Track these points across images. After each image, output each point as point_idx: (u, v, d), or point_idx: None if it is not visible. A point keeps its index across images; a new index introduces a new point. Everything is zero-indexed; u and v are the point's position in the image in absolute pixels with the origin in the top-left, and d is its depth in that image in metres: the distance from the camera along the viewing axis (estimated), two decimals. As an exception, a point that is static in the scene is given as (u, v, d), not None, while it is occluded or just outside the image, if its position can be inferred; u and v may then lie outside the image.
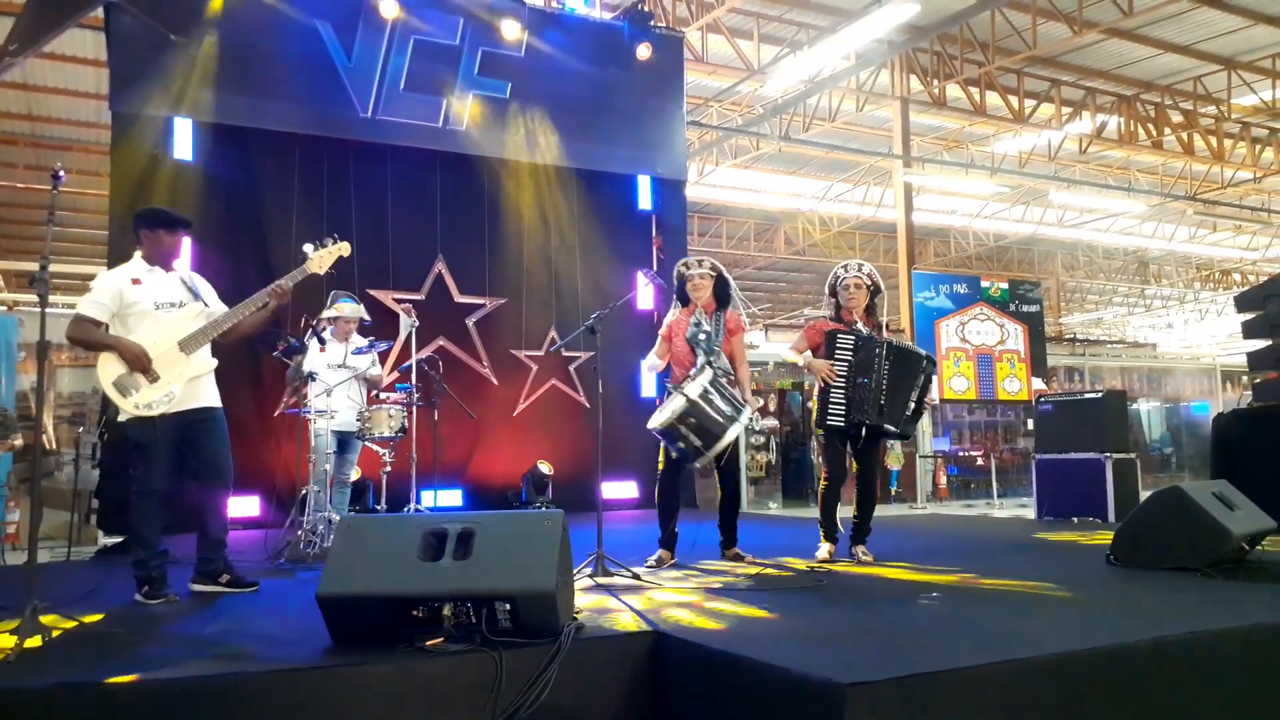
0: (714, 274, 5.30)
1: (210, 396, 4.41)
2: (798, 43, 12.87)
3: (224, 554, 4.43)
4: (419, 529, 3.22)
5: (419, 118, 8.78)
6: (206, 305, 4.42)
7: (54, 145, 14.23)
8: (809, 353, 5.42)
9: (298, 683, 2.78)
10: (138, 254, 4.38)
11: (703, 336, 5.17)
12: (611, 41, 9.72)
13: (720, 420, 4.74)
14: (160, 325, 4.24)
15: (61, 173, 3.63)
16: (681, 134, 10.44)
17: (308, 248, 4.60)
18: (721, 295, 5.32)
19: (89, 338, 4.18)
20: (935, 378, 5.64)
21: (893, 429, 5.26)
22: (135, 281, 4.26)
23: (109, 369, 4.14)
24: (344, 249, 4.64)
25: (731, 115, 15.60)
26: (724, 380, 4.96)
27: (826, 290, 5.52)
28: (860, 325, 5.35)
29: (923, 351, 5.48)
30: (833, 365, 5.21)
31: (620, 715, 3.07)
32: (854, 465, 5.42)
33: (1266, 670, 3.20)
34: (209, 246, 7.41)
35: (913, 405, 5.30)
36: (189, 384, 4.27)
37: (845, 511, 5.48)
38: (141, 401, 4.14)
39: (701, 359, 5.09)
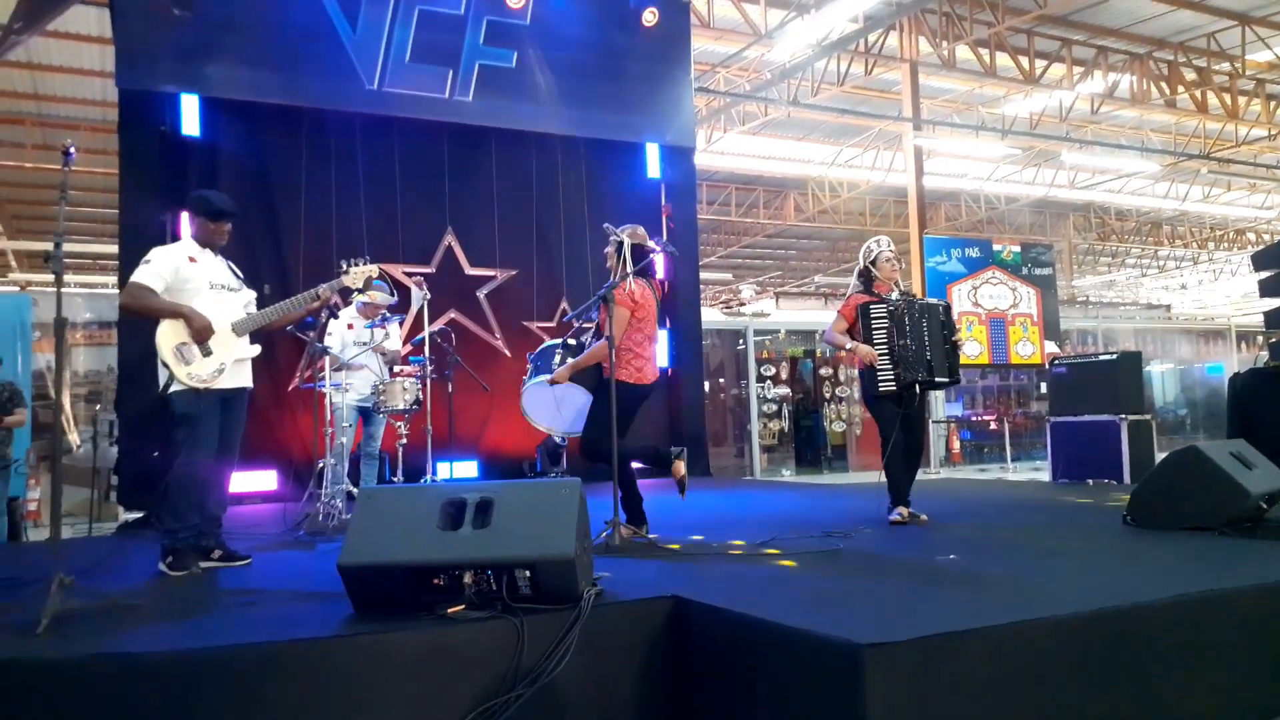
0: (616, 240, 4.89)
1: (248, 378, 4.55)
2: (804, 5, 12.71)
3: (219, 530, 4.49)
4: (438, 499, 3.24)
5: (425, 89, 8.72)
6: (257, 293, 4.63)
7: (61, 124, 14.24)
8: (845, 335, 5.51)
9: (322, 652, 2.82)
10: (187, 234, 4.57)
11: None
12: (617, 7, 9.61)
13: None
14: (215, 305, 4.37)
15: (72, 150, 3.62)
16: (689, 100, 10.35)
17: (344, 263, 4.88)
18: (634, 263, 4.85)
19: (150, 304, 4.26)
20: (954, 314, 5.78)
21: (944, 380, 5.48)
22: (192, 260, 4.39)
23: (172, 335, 4.25)
24: (373, 270, 4.91)
25: (739, 81, 15.46)
26: (558, 353, 4.99)
27: (863, 265, 5.60)
28: (894, 294, 5.52)
29: (937, 300, 5.77)
30: (874, 341, 5.36)
31: (641, 678, 3.11)
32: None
33: (1285, 626, 3.20)
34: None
35: (949, 349, 5.49)
36: (235, 364, 4.41)
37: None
38: (195, 372, 4.26)
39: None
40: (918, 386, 5.38)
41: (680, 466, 4.83)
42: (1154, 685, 2.89)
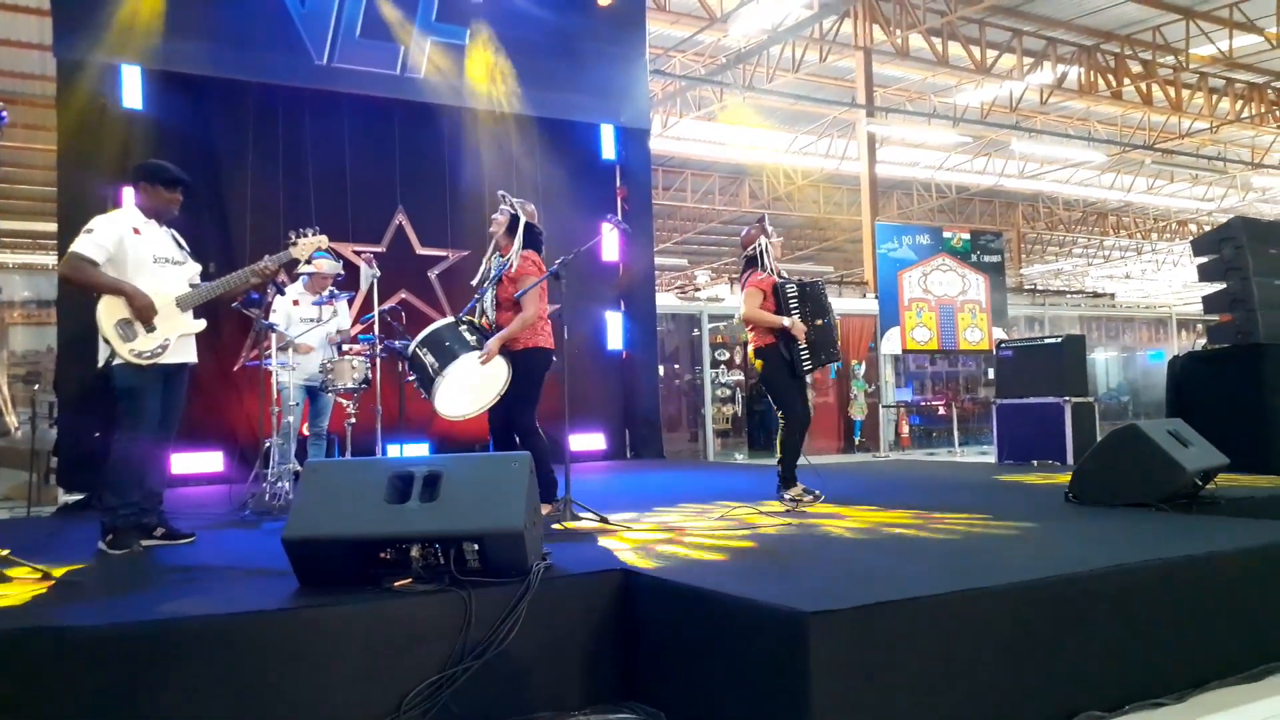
0: (510, 212, 4.98)
1: (192, 354, 4.45)
2: (760, -10, 12.75)
3: (160, 508, 4.42)
4: (385, 472, 3.21)
5: (376, 65, 8.60)
6: (202, 268, 4.50)
7: (-3, 98, 13.81)
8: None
9: (265, 625, 2.78)
10: (131, 203, 4.40)
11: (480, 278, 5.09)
12: (572, -14, 9.56)
13: (429, 373, 4.72)
14: (158, 279, 4.25)
15: (4, 114, 3.52)
16: (644, 82, 10.33)
17: (292, 234, 4.80)
18: (525, 237, 4.94)
19: (91, 278, 4.12)
20: None
21: (840, 356, 5.56)
22: (136, 231, 4.25)
23: (113, 311, 4.12)
24: (323, 240, 4.83)
25: (695, 66, 15.46)
26: (462, 329, 4.81)
27: (763, 246, 5.50)
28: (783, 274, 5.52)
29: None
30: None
31: (589, 651, 3.11)
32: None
33: (1217, 596, 3.30)
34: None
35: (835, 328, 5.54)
36: (179, 339, 4.30)
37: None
38: (138, 348, 4.15)
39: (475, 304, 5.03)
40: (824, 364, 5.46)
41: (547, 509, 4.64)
42: (1090, 653, 2.96)
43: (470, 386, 4.75)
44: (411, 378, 4.87)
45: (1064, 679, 2.90)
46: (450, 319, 4.92)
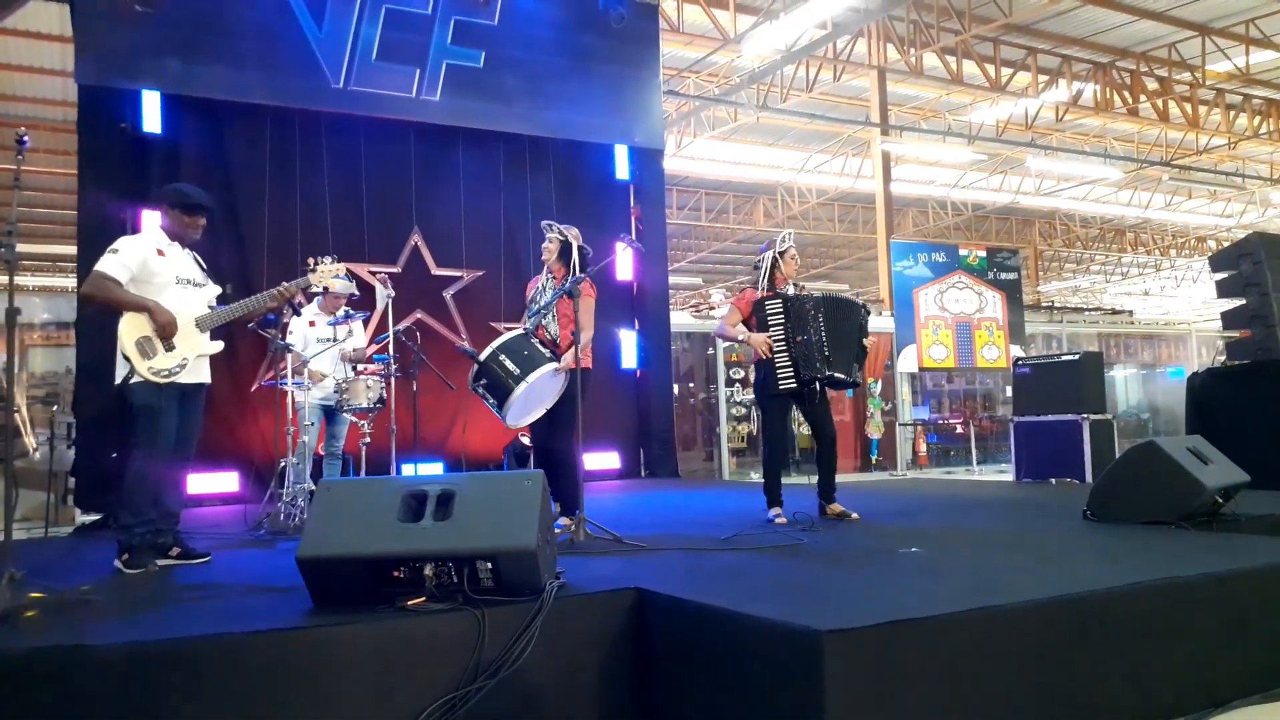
0: (560, 239, 5.23)
1: (206, 374, 4.50)
2: (773, 12, 12.81)
3: (176, 527, 4.45)
4: (398, 491, 3.22)
5: (392, 88, 8.67)
6: (221, 290, 4.57)
7: (19, 123, 13.94)
8: (742, 325, 5.45)
9: (279, 644, 2.78)
10: (156, 226, 4.49)
11: (531, 299, 5.30)
12: (586, 8, 9.61)
13: (507, 381, 4.79)
14: (180, 300, 4.31)
15: (25, 137, 3.58)
16: (658, 103, 10.37)
17: (310, 261, 4.91)
18: (573, 261, 5.19)
19: (114, 296, 4.18)
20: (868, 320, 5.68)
21: (843, 377, 5.35)
22: (160, 253, 4.32)
23: (135, 328, 4.18)
24: (340, 269, 4.95)
25: (708, 86, 15.53)
26: (534, 340, 4.94)
27: (769, 261, 5.51)
28: (790, 290, 5.48)
29: (858, 301, 5.69)
30: (769, 336, 5.30)
31: (603, 669, 3.09)
32: (802, 425, 5.56)
33: (1237, 615, 3.25)
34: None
35: (856, 350, 5.44)
36: (196, 359, 4.36)
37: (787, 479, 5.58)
38: (157, 366, 4.20)
39: (527, 322, 5.15)
40: (818, 383, 5.33)
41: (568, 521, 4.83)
42: (1108, 672, 2.92)
43: (537, 397, 4.87)
44: (481, 382, 4.89)
45: (1081, 699, 2.86)
46: (520, 330, 5.04)
